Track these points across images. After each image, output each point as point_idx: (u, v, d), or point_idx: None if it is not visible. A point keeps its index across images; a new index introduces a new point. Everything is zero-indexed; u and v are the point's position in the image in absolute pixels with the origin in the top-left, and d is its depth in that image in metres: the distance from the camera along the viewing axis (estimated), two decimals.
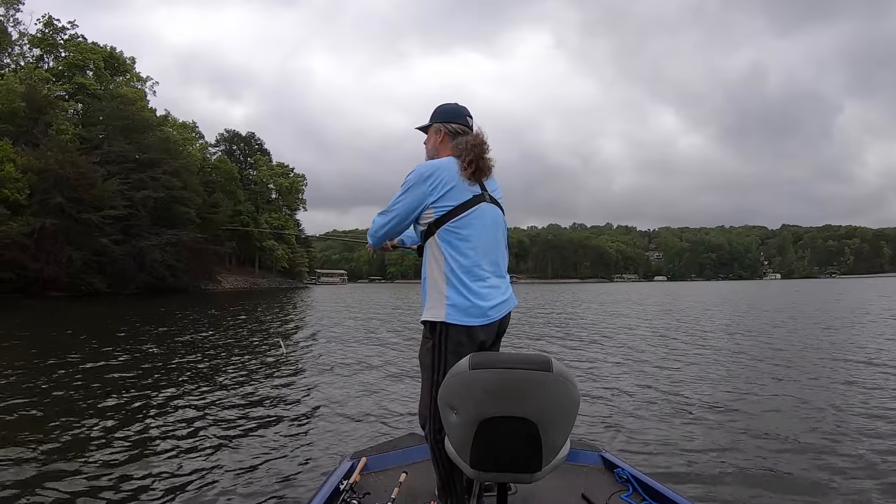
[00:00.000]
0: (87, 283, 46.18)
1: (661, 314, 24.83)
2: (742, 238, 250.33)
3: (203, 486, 4.62)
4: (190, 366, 10.68)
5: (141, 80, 74.03)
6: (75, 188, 46.12)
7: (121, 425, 6.37)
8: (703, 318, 21.77)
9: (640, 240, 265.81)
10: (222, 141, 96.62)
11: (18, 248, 41.17)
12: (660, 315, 24.32)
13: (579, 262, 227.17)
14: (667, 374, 9.44)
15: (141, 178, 54.82)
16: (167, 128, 72.37)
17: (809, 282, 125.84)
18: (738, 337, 14.94)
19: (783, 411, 6.83)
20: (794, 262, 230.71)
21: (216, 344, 14.12)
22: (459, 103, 3.00)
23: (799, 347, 12.53)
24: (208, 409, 7.18)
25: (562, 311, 28.05)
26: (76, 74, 64.00)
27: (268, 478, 4.81)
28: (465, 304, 2.62)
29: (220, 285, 70.79)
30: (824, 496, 4.29)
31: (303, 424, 6.56)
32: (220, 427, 6.39)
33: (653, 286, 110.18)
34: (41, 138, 49.53)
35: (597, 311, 27.85)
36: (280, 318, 23.86)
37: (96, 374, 9.59)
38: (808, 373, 9.37)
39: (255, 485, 4.66)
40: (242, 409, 7.28)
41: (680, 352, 12.18)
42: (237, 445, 5.71)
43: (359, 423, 6.52)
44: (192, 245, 57.92)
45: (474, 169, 2.71)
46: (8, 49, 62.22)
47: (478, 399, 2.10)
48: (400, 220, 2.78)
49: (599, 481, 3.19)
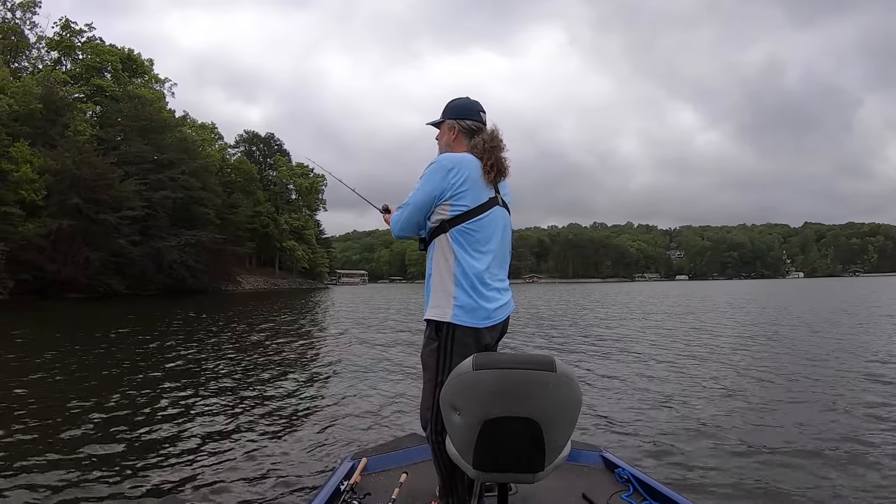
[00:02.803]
0: (105, 285, 45.74)
1: (670, 314, 24.27)
2: (764, 236, 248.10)
3: (202, 486, 4.60)
4: (191, 366, 10.67)
5: (159, 81, 74.22)
6: (92, 189, 45.68)
7: (119, 425, 6.35)
8: (714, 319, 21.25)
9: (660, 238, 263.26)
10: (241, 142, 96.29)
11: (35, 250, 40.79)
12: (667, 315, 23.88)
13: (600, 261, 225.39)
14: (668, 375, 9.39)
15: (159, 178, 54.47)
16: (186, 128, 72.21)
17: (833, 280, 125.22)
18: (747, 338, 14.56)
19: (785, 413, 6.75)
20: (817, 261, 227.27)
21: (219, 344, 14.02)
22: (472, 97, 2.94)
23: (813, 348, 12.23)
24: (208, 409, 7.21)
25: (570, 310, 27.98)
26: (94, 76, 64.05)
27: (268, 478, 4.80)
28: (473, 305, 2.63)
29: (240, 286, 70.47)
30: (825, 497, 4.24)
31: (303, 425, 6.57)
32: (219, 427, 6.40)
33: (674, 285, 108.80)
34: (58, 139, 49.24)
35: (603, 310, 27.57)
36: (291, 320, 23.50)
37: (95, 375, 9.59)
38: (815, 374, 9.22)
39: (255, 485, 4.66)
40: (242, 409, 7.28)
41: (682, 352, 12.01)
42: (237, 445, 5.70)
43: (359, 424, 6.55)
44: (211, 246, 57.62)
45: (496, 172, 2.70)
46: (26, 51, 62.50)
47: (482, 399, 2.08)
48: (417, 208, 2.72)
49: (600, 481, 3.20)
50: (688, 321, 20.21)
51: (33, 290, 40.26)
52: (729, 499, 4.25)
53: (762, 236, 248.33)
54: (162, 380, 9.16)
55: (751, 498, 4.26)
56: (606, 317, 23.06)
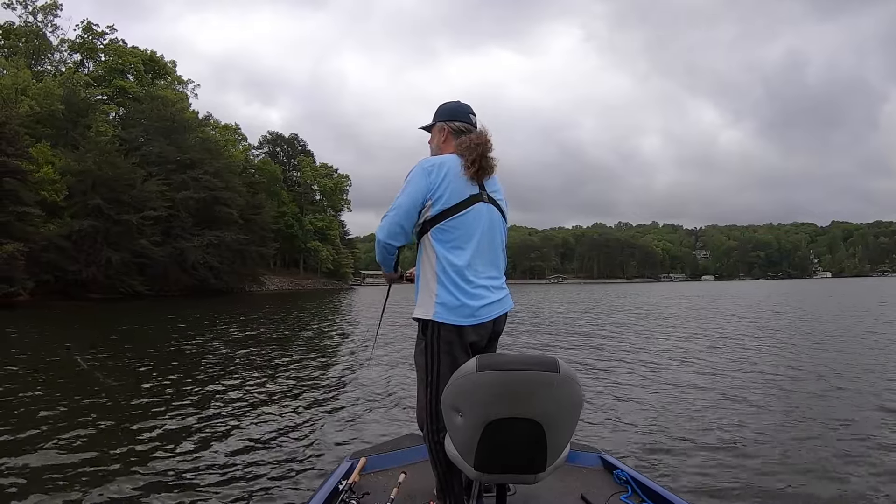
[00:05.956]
0: (128, 286, 45.21)
1: (682, 317, 23.94)
2: (791, 236, 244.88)
3: (202, 486, 4.63)
4: (190, 368, 10.73)
5: (182, 82, 74.45)
6: (114, 189, 45.33)
7: (116, 424, 6.44)
8: (723, 322, 20.91)
9: (686, 238, 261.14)
10: (265, 143, 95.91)
11: (56, 250, 40.49)
12: (679, 318, 23.55)
13: (625, 261, 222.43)
14: (668, 375, 9.49)
15: (182, 178, 54.14)
16: (209, 129, 72.05)
17: (861, 280, 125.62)
18: (755, 340, 14.56)
19: (787, 415, 6.76)
20: (845, 261, 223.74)
21: (222, 345, 14.18)
22: (462, 101, 3.00)
23: (817, 350, 12.32)
24: (207, 409, 7.29)
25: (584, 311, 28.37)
26: (116, 78, 64.13)
27: (267, 477, 4.84)
28: (455, 303, 2.62)
29: (264, 287, 69.93)
30: (825, 498, 4.30)
31: (302, 424, 6.60)
32: (219, 426, 6.48)
33: (698, 286, 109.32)
34: (80, 140, 49.08)
35: (617, 313, 27.33)
36: (306, 320, 23.70)
37: (92, 375, 9.72)
38: (820, 375, 9.29)
39: (254, 484, 4.68)
40: (242, 409, 7.36)
41: (686, 352, 12.12)
42: (237, 444, 5.76)
43: (358, 423, 6.62)
44: (234, 246, 57.10)
45: (477, 168, 2.70)
46: (48, 54, 62.72)
47: (485, 401, 2.08)
48: (402, 214, 2.69)
49: (599, 482, 3.18)
50: (697, 324, 20.07)
51: (55, 291, 39.80)
52: (727, 501, 4.31)
53: (789, 236, 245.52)
54: (162, 379, 9.37)
55: (750, 499, 4.31)
56: (617, 319, 22.97)
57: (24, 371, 10.21)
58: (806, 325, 18.08)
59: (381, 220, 2.77)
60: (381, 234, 2.75)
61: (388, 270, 2.97)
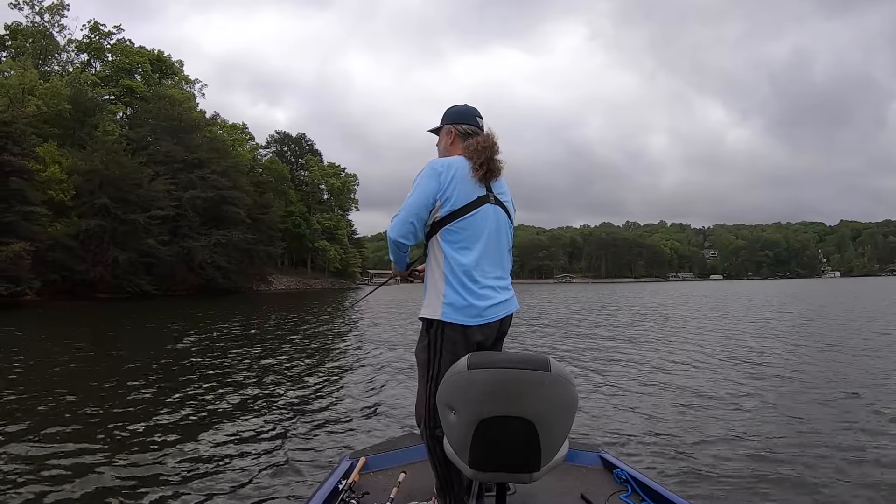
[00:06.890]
0: (135, 285, 45.06)
1: (685, 317, 23.81)
2: (799, 235, 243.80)
3: (201, 486, 4.62)
4: (192, 367, 10.73)
5: (189, 82, 74.48)
6: (121, 189, 45.22)
7: (115, 425, 6.37)
8: (725, 322, 20.95)
9: (694, 238, 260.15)
10: (273, 142, 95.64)
11: (63, 250, 40.43)
12: (682, 317, 23.49)
13: (633, 261, 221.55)
14: (670, 375, 9.49)
15: (189, 178, 54.12)
16: (216, 129, 72.02)
17: (870, 280, 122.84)
18: (755, 339, 14.54)
19: (785, 414, 6.75)
20: (854, 260, 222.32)
21: (223, 345, 14.12)
22: (470, 104, 3.03)
23: (822, 351, 12.15)
24: (207, 409, 7.28)
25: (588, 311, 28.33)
26: (123, 77, 64.19)
27: (267, 477, 4.83)
28: (462, 303, 2.65)
29: (272, 286, 69.75)
30: (824, 498, 4.29)
31: (302, 424, 6.60)
32: (218, 425, 6.46)
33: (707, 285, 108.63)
34: (87, 140, 49.03)
35: (622, 313, 26.97)
36: (309, 319, 23.53)
37: (91, 375, 9.78)
38: (822, 375, 9.24)
39: (254, 484, 4.68)
40: (242, 409, 7.34)
41: (690, 353, 12.03)
42: (237, 444, 5.77)
43: (358, 423, 6.64)
44: (242, 245, 56.95)
45: (485, 171, 2.73)
46: (55, 54, 62.74)
47: (477, 399, 2.10)
48: (413, 214, 2.72)
49: (598, 482, 3.19)
50: (699, 324, 19.92)
51: (62, 291, 39.69)
52: (727, 500, 4.31)
53: (797, 235, 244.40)
54: (162, 379, 9.39)
55: (749, 499, 4.32)
56: (623, 319, 22.93)
57: (24, 371, 10.09)
58: (814, 327, 18.03)
59: (392, 219, 2.81)
60: (392, 233, 2.79)
61: (401, 267, 3.00)
